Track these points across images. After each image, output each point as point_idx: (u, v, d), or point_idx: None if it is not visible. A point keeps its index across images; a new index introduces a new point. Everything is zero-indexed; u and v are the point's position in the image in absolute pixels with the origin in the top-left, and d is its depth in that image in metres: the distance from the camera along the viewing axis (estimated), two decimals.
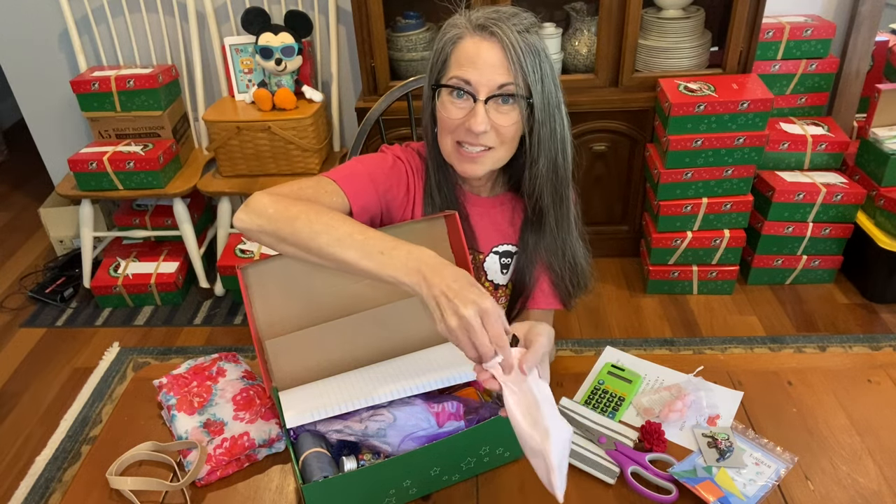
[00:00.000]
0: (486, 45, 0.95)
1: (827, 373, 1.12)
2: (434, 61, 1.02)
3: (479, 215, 1.14)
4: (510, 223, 1.15)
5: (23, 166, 3.74)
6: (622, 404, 1.07)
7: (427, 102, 1.05)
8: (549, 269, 1.14)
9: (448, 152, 1.04)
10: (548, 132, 1.01)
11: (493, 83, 0.96)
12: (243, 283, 0.97)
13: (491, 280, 1.17)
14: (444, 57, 1.00)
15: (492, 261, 1.16)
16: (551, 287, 1.16)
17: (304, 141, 2.32)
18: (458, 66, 0.97)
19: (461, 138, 1.01)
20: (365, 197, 1.03)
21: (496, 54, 0.95)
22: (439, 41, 1.01)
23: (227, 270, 2.52)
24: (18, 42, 2.61)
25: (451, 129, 1.01)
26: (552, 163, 1.05)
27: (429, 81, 1.03)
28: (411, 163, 1.11)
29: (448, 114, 1.00)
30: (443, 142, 1.04)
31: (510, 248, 1.16)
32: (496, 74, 0.96)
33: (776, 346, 2.26)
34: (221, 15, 2.53)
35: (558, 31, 2.37)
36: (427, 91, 1.05)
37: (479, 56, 0.95)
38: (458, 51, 0.97)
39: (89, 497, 0.97)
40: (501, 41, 0.95)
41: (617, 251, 2.70)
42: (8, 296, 2.75)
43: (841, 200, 2.33)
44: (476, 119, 0.97)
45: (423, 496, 0.94)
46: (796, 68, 2.46)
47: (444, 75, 1.00)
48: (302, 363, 1.00)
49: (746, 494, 0.91)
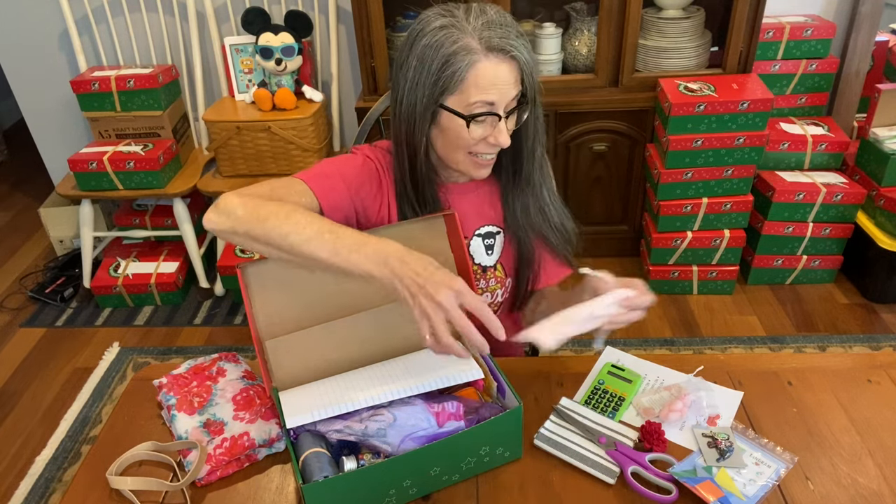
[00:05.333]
0: (505, 67, 0.97)
1: (827, 373, 1.12)
2: (437, 81, 0.98)
3: (458, 202, 1.15)
4: (490, 205, 1.17)
5: (23, 166, 3.75)
6: (622, 404, 1.07)
7: (423, 115, 1.01)
8: (544, 240, 1.18)
9: (458, 160, 1.06)
10: (535, 111, 1.06)
11: (509, 98, 1.00)
12: (243, 283, 0.97)
13: (479, 263, 1.18)
14: (457, 78, 0.97)
15: (476, 244, 1.17)
16: (554, 256, 1.20)
17: (305, 141, 2.32)
18: (478, 90, 0.97)
19: (480, 150, 1.04)
20: (335, 196, 1.04)
21: (514, 73, 0.98)
22: (442, 58, 0.96)
23: (227, 270, 2.52)
24: (18, 42, 2.61)
25: (466, 147, 1.03)
26: (540, 136, 1.10)
27: (427, 100, 1.00)
28: (381, 161, 1.12)
29: (470, 134, 1.01)
30: (453, 156, 1.06)
31: (492, 228, 1.18)
32: (512, 89, 0.99)
33: (776, 346, 2.26)
34: (221, 15, 2.53)
35: (558, 31, 2.37)
36: (424, 111, 1.01)
37: (498, 77, 0.97)
38: (475, 75, 0.96)
39: (89, 497, 0.97)
40: (519, 60, 0.98)
41: (617, 251, 2.70)
42: (8, 296, 2.75)
43: (841, 200, 2.33)
44: (503, 135, 1.01)
45: (423, 496, 0.94)
46: (796, 68, 2.46)
47: (457, 98, 0.98)
48: (302, 363, 1.00)
49: (746, 494, 0.91)
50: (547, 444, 0.99)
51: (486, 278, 1.19)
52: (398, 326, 1.03)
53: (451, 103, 1.00)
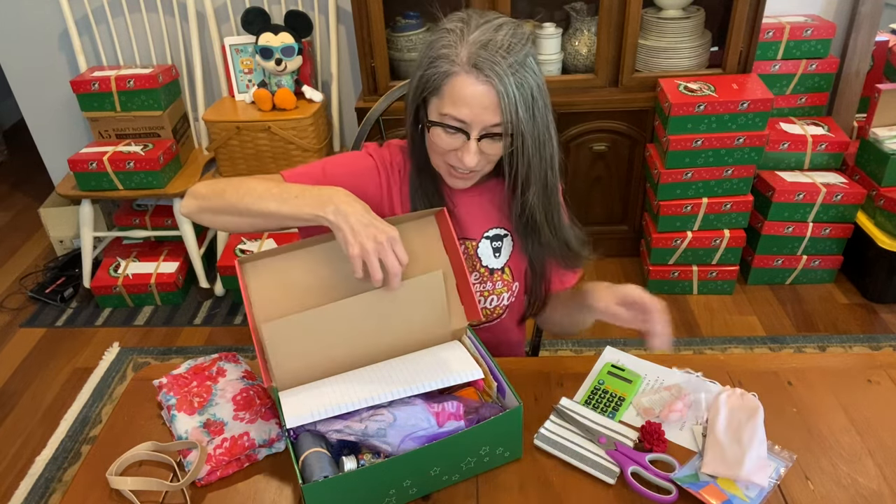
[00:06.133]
0: (481, 89, 0.93)
1: (827, 373, 1.12)
2: (422, 77, 0.99)
3: (467, 204, 1.14)
4: (498, 207, 1.16)
5: (23, 166, 3.75)
6: (622, 404, 1.07)
7: (410, 112, 1.04)
8: (553, 258, 1.18)
9: (437, 164, 1.06)
10: (538, 160, 1.01)
11: (485, 122, 0.96)
12: (241, 279, 0.97)
13: (486, 265, 1.18)
14: (434, 83, 0.97)
15: (484, 246, 1.17)
16: (562, 268, 1.21)
17: (304, 141, 2.32)
18: (451, 104, 0.95)
19: (452, 163, 1.02)
20: None
21: (490, 98, 0.93)
22: (430, 58, 0.97)
23: (227, 270, 2.52)
24: (18, 42, 2.61)
25: (441, 154, 1.03)
26: (542, 186, 1.05)
27: (414, 94, 1.01)
28: (387, 159, 1.12)
29: (439, 142, 1.00)
30: (433, 158, 1.06)
31: (500, 231, 1.17)
32: (488, 115, 0.95)
33: (776, 346, 2.26)
34: (221, 15, 2.53)
35: (558, 31, 2.37)
36: (412, 104, 1.03)
37: (474, 97, 0.94)
38: (451, 87, 0.95)
39: (89, 497, 0.97)
40: (496, 88, 0.92)
41: (617, 251, 2.70)
42: (8, 296, 2.75)
43: (841, 200, 2.33)
44: (468, 156, 0.98)
45: (423, 496, 0.94)
46: (796, 68, 2.46)
47: (435, 103, 0.98)
48: (299, 349, 0.99)
49: (749, 496, 0.91)
50: (547, 444, 0.99)
51: (492, 281, 1.18)
52: (391, 312, 1.02)
53: (431, 105, 1.00)
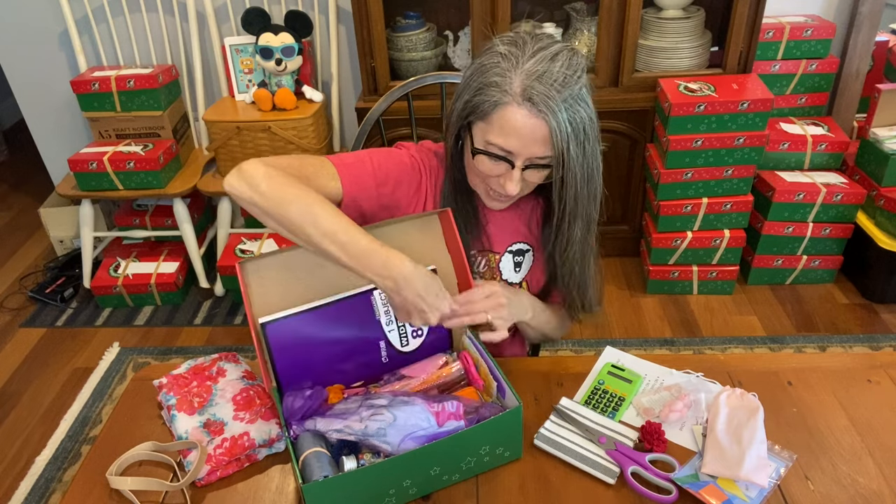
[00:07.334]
0: (533, 122, 0.92)
1: (827, 373, 1.12)
2: (468, 101, 0.97)
3: (499, 219, 1.14)
4: (526, 223, 1.17)
5: (23, 166, 3.74)
6: (622, 404, 1.07)
7: (453, 133, 1.03)
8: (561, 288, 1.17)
9: (475, 183, 1.06)
10: (585, 195, 1.01)
11: (533, 154, 0.95)
12: (242, 279, 0.97)
13: (505, 279, 1.18)
14: (483, 110, 0.95)
15: (506, 260, 1.17)
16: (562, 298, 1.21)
17: (305, 141, 2.32)
18: (500, 133, 0.94)
19: (493, 187, 1.02)
20: (360, 189, 1.04)
21: (542, 132, 0.93)
22: (479, 84, 0.95)
23: (227, 270, 2.52)
24: (18, 42, 2.61)
25: (482, 177, 1.02)
26: (586, 222, 1.05)
27: (459, 115, 1.00)
28: (425, 163, 1.12)
29: (482, 167, 0.99)
30: (471, 179, 1.06)
31: (523, 245, 1.18)
32: (537, 147, 0.94)
33: (776, 346, 2.26)
34: (221, 15, 2.53)
35: (558, 31, 2.37)
36: (455, 125, 1.01)
37: (525, 130, 0.93)
38: (500, 116, 0.93)
39: (89, 497, 0.97)
40: (549, 123, 0.92)
41: (617, 251, 2.70)
42: (8, 296, 2.75)
43: (841, 200, 2.33)
44: (511, 184, 0.98)
45: (423, 496, 0.94)
46: (796, 68, 2.46)
47: (481, 127, 0.97)
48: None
49: (749, 496, 0.91)
50: (547, 444, 0.99)
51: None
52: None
53: (476, 128, 0.98)
